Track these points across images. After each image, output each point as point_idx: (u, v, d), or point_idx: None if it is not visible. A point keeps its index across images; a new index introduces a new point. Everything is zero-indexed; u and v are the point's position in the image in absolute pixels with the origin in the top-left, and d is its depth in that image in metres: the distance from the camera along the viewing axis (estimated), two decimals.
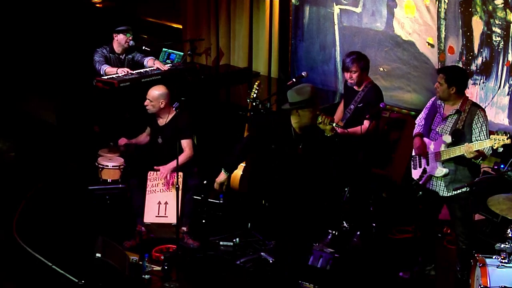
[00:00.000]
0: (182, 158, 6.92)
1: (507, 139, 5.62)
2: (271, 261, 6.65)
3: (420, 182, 6.11)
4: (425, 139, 6.16)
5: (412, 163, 6.34)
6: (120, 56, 8.14)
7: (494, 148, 5.70)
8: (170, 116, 7.02)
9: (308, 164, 5.92)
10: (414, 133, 6.30)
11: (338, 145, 6.02)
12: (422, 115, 6.30)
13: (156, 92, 6.99)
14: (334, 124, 5.98)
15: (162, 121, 7.10)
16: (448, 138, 5.97)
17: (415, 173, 6.27)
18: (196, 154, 7.09)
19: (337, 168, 6.12)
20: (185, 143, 7.00)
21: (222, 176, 6.12)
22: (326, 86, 8.80)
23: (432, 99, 6.24)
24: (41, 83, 10.29)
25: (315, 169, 5.96)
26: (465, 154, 5.81)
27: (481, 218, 6.83)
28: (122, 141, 7.37)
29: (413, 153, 6.30)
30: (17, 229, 7.09)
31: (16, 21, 10.68)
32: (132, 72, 7.97)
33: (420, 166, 6.21)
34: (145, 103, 7.01)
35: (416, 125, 6.35)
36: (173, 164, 6.67)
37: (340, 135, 6.21)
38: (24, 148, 8.86)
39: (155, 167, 6.96)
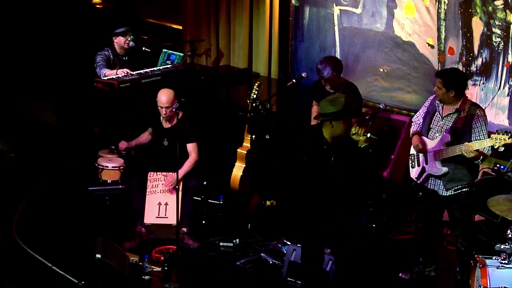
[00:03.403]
0: (189, 163, 6.95)
1: (508, 138, 5.62)
2: (271, 262, 6.65)
3: (419, 181, 6.12)
4: (424, 138, 6.17)
5: (410, 161, 6.34)
6: (123, 58, 8.15)
7: (495, 147, 5.70)
8: (176, 119, 7.01)
9: (339, 175, 5.91)
10: (412, 131, 6.30)
11: (371, 155, 6.00)
12: (420, 113, 6.30)
13: (171, 95, 6.91)
14: (368, 135, 5.94)
15: (167, 124, 7.09)
16: (447, 137, 5.97)
17: (414, 172, 6.27)
18: (199, 157, 7.09)
19: (341, 171, 6.12)
20: (191, 147, 7.00)
21: None
22: None
23: (431, 97, 6.25)
24: (41, 83, 10.29)
25: (346, 178, 5.96)
26: (465, 154, 5.81)
27: (481, 219, 6.83)
28: (123, 144, 7.37)
29: (411, 152, 6.30)
30: (17, 229, 7.09)
31: (16, 21, 10.67)
32: (132, 73, 7.96)
33: (418, 165, 6.21)
34: (163, 112, 6.94)
35: (413, 123, 6.34)
36: (180, 174, 6.66)
37: (374, 146, 6.19)
38: (24, 148, 8.86)
39: (160, 175, 6.94)
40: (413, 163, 6.29)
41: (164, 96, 6.94)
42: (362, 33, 8.38)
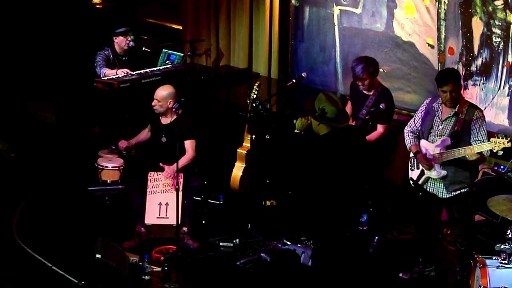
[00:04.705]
0: (185, 159, 6.94)
1: (507, 142, 5.62)
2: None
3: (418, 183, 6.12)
4: (424, 141, 6.15)
5: (409, 164, 6.33)
6: (123, 58, 8.15)
7: (494, 151, 5.69)
8: (175, 116, 7.02)
9: (339, 175, 5.96)
10: (411, 146, 6.25)
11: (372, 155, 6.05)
12: (415, 118, 6.26)
13: (164, 92, 6.98)
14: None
15: (166, 120, 7.09)
16: (447, 140, 5.97)
17: (413, 175, 6.27)
18: (196, 155, 7.09)
19: (341, 171, 6.11)
20: (189, 144, 7.00)
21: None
22: (326, 87, 8.80)
23: (427, 101, 6.21)
24: (41, 83, 10.29)
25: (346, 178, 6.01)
26: (468, 157, 5.80)
27: (481, 219, 6.83)
28: (123, 144, 7.36)
29: (411, 155, 6.30)
30: (17, 229, 7.09)
31: (16, 22, 10.67)
32: (132, 73, 7.97)
33: (417, 168, 6.20)
34: (153, 103, 7.00)
35: (407, 131, 6.29)
36: (174, 167, 6.65)
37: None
38: (24, 148, 8.86)
39: (160, 164, 6.94)
40: (413, 167, 6.28)
41: (160, 90, 7.00)
42: (362, 33, 8.38)
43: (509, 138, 5.63)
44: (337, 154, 6.06)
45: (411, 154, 6.28)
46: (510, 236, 5.63)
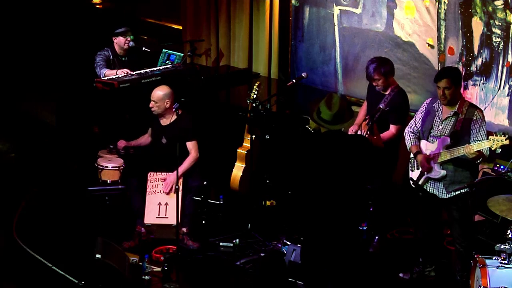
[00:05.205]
0: (189, 161, 6.94)
1: (505, 139, 5.61)
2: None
3: (419, 183, 6.12)
4: (423, 141, 6.15)
5: (409, 165, 6.33)
6: (122, 58, 8.15)
7: (493, 149, 5.69)
8: (175, 116, 7.01)
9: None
10: (411, 147, 6.24)
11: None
12: (416, 119, 6.25)
13: (161, 92, 6.98)
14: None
15: (165, 121, 7.09)
16: (446, 140, 5.97)
17: (413, 175, 6.26)
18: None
19: (341, 171, 6.10)
20: (191, 145, 7.00)
21: None
22: (326, 87, 8.81)
23: (427, 101, 6.21)
24: (41, 84, 10.29)
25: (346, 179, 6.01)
26: (467, 155, 5.80)
27: (481, 219, 6.83)
28: (121, 143, 7.36)
29: (411, 155, 6.30)
30: (17, 230, 7.09)
31: (16, 22, 10.68)
32: (132, 73, 7.96)
33: (417, 168, 6.20)
34: (150, 105, 6.99)
35: (407, 132, 6.28)
36: (179, 171, 6.64)
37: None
38: (24, 149, 8.86)
39: (160, 175, 6.93)
40: (413, 167, 6.28)
41: (156, 91, 7.00)
42: (362, 33, 8.38)
43: (507, 136, 5.63)
44: (337, 154, 6.05)
45: (411, 155, 6.28)
46: (510, 236, 5.63)
